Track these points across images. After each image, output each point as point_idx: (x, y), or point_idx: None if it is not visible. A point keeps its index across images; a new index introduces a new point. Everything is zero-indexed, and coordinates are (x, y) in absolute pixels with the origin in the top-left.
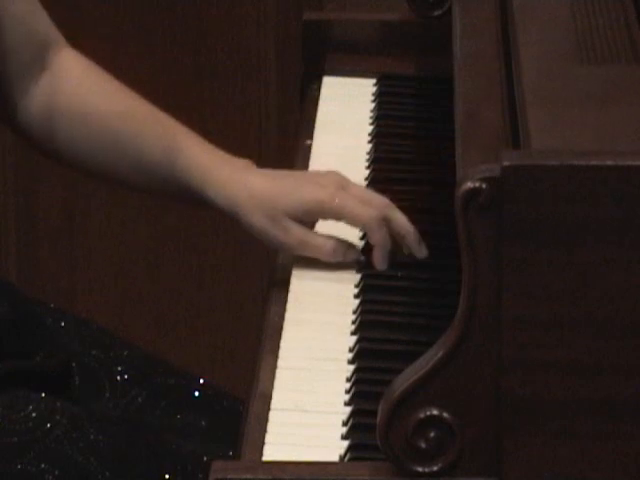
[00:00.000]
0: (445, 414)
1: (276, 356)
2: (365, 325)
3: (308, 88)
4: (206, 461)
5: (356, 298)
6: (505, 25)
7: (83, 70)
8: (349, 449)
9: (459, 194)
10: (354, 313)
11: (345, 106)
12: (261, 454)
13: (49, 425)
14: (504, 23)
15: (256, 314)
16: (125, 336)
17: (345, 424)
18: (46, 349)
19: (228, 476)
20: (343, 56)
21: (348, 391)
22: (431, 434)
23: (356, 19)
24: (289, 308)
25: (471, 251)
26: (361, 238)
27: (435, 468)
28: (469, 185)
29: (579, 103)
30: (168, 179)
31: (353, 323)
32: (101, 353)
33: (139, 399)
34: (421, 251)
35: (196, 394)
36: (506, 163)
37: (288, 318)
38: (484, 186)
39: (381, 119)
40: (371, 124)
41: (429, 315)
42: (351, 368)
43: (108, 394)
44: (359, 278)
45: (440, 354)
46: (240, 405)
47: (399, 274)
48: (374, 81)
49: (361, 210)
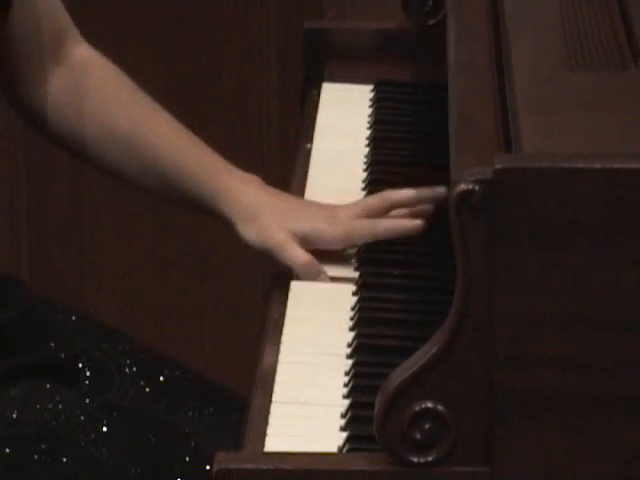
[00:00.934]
0: (439, 407)
1: (277, 351)
2: (363, 322)
3: (308, 93)
4: (211, 452)
5: (354, 296)
6: (497, 33)
7: (103, 70)
8: (347, 440)
9: (453, 195)
10: (352, 310)
11: (344, 111)
12: (263, 445)
13: (63, 417)
14: (496, 31)
15: (258, 312)
16: (132, 331)
17: (344, 416)
18: (57, 344)
19: (231, 466)
20: (342, 63)
21: (346, 385)
22: (426, 426)
23: (354, 28)
24: (290, 306)
25: (465, 250)
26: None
27: (430, 458)
28: (463, 187)
29: (568, 108)
30: (182, 189)
31: (351, 320)
32: (110, 348)
33: (147, 391)
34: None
35: (201, 387)
36: (499, 166)
37: (289, 315)
38: (477, 188)
39: (378, 123)
40: (369, 128)
41: (424, 312)
42: (349, 363)
43: (117, 386)
44: (357, 276)
45: (435, 349)
46: (242, 398)
47: (395, 272)
48: (371, 87)
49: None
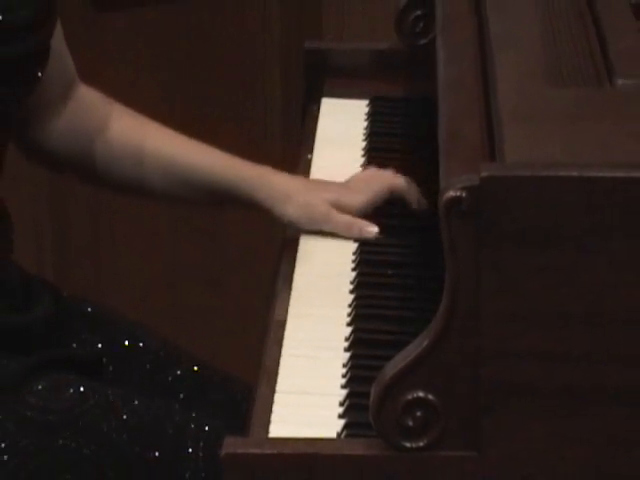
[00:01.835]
0: (430, 396)
1: (281, 345)
2: (359, 317)
3: (309, 108)
4: (222, 437)
5: (351, 293)
6: (483, 52)
7: (105, 102)
8: (345, 427)
9: (443, 201)
10: (349, 307)
11: (341, 124)
12: (267, 431)
13: (87, 406)
14: (482, 51)
15: (263, 309)
16: (150, 328)
17: (342, 405)
18: (83, 339)
19: (238, 450)
20: (340, 80)
21: (344, 376)
22: (417, 414)
23: (351, 48)
24: (292, 304)
25: (453, 252)
26: (353, 253)
27: (421, 444)
28: (451, 194)
29: (548, 121)
30: (212, 189)
31: (349, 316)
32: (131, 342)
33: (164, 383)
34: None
35: (214, 379)
36: (484, 174)
37: (291, 312)
38: (465, 194)
39: (373, 135)
40: (364, 140)
41: (416, 308)
42: (347, 355)
43: (138, 379)
44: (354, 276)
45: (425, 343)
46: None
47: (389, 272)
48: (367, 102)
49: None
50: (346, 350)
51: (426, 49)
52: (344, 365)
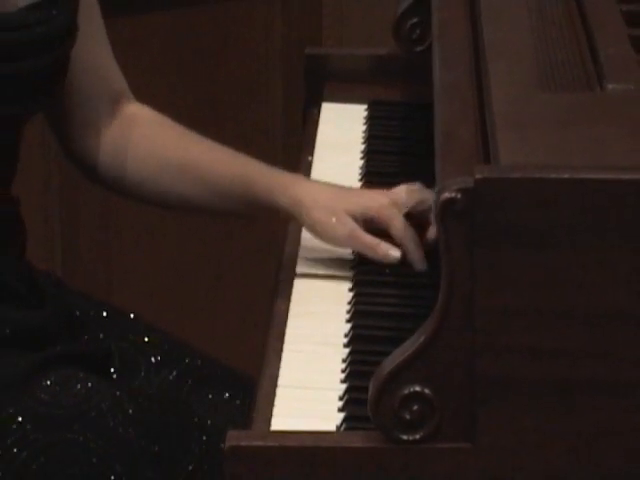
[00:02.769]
0: (426, 390)
1: (282, 341)
2: (358, 314)
3: (309, 112)
4: (225, 431)
5: (350, 291)
6: (477, 59)
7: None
8: (344, 420)
9: (438, 203)
10: (349, 304)
11: (341, 128)
12: (269, 424)
13: (94, 400)
14: (476, 57)
15: (265, 306)
16: (155, 324)
17: (341, 399)
18: (90, 335)
19: (241, 443)
20: (339, 85)
21: (344, 371)
22: (414, 407)
23: (350, 54)
24: (293, 301)
25: (449, 251)
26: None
27: (418, 436)
28: (447, 195)
29: (541, 125)
30: (238, 197)
31: (348, 313)
32: (137, 338)
33: (170, 378)
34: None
35: (218, 373)
36: (479, 176)
37: (292, 309)
38: (460, 196)
39: (372, 139)
40: (363, 143)
41: (413, 305)
42: (346, 351)
43: (143, 374)
44: (353, 275)
45: (422, 339)
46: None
47: (387, 271)
48: (366, 106)
49: (401, 226)
50: (345, 346)
51: (423, 55)
52: (343, 360)
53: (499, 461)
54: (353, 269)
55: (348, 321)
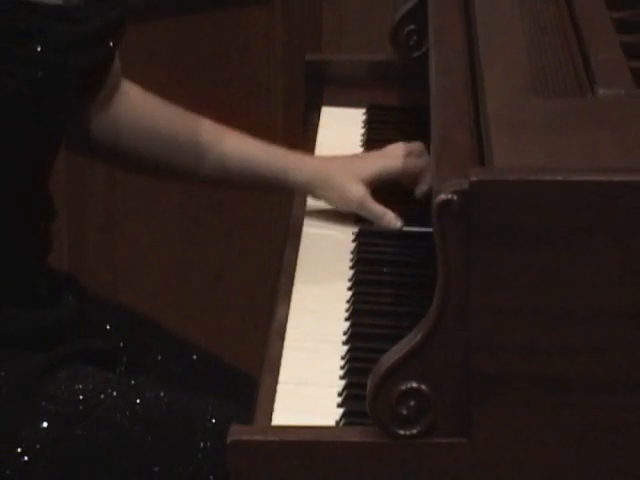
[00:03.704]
0: (423, 387)
1: (283, 339)
2: (357, 313)
3: (310, 116)
4: (227, 426)
5: (349, 290)
6: (472, 64)
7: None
8: (343, 415)
9: (435, 204)
10: (347, 303)
11: (340, 131)
12: (270, 419)
13: (102, 396)
14: (472, 63)
15: (265, 305)
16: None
17: (340, 395)
18: (99, 332)
19: (243, 437)
20: (339, 90)
21: (343, 368)
22: (411, 403)
23: (349, 59)
24: (293, 299)
25: (445, 251)
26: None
27: (414, 431)
28: (443, 197)
29: (534, 129)
30: (248, 172)
31: (347, 311)
32: (144, 336)
33: (174, 374)
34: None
35: (220, 370)
36: (474, 178)
37: (293, 308)
38: (456, 197)
39: (370, 142)
40: (362, 146)
41: (410, 304)
42: (345, 348)
43: (149, 370)
44: (352, 274)
45: (419, 337)
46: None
47: (385, 270)
48: (364, 110)
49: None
50: (344, 343)
51: (419, 61)
52: (342, 358)
53: (495, 456)
54: (352, 268)
55: (347, 319)
